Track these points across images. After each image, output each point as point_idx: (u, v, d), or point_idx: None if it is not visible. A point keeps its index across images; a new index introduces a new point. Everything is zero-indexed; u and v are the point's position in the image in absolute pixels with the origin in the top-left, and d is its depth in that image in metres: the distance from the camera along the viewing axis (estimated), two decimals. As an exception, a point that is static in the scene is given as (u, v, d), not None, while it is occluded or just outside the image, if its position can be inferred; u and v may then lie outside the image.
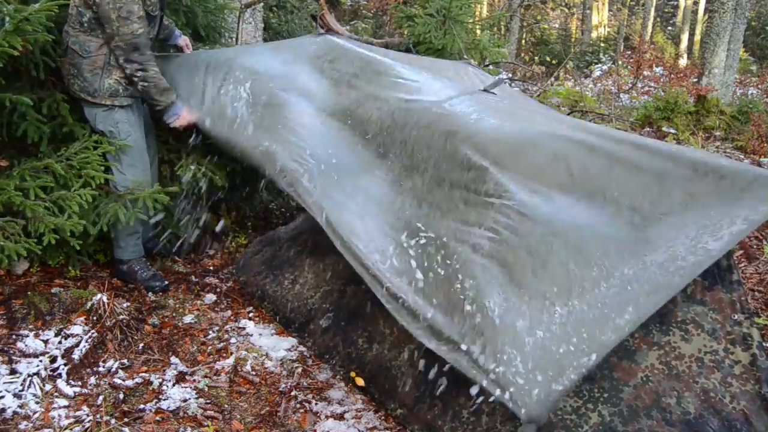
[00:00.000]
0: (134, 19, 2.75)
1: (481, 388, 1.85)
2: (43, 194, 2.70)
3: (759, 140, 7.33)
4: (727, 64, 8.96)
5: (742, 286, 2.14)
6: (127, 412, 2.29)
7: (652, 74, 13.85)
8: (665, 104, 8.24)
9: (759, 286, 3.48)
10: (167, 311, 3.02)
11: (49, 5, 2.58)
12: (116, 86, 2.88)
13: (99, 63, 2.84)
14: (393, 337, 2.59)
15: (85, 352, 2.53)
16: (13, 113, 2.74)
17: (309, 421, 2.39)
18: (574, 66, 15.56)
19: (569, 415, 2.07)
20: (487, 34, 6.35)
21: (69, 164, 2.81)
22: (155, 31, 3.01)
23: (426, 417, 2.31)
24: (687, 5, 18.00)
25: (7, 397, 2.24)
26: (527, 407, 1.70)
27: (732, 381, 2.08)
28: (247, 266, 3.34)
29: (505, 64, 9.73)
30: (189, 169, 3.22)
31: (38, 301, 2.74)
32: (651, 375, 2.11)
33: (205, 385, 2.51)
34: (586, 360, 1.78)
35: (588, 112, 7.85)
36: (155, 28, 3.00)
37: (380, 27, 11.16)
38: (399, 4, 6.90)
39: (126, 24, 2.74)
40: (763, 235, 4.17)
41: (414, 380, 2.42)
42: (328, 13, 4.12)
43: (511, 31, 16.17)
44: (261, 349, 2.79)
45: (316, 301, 2.93)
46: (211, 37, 3.84)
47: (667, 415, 2.05)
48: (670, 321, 2.15)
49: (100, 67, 2.85)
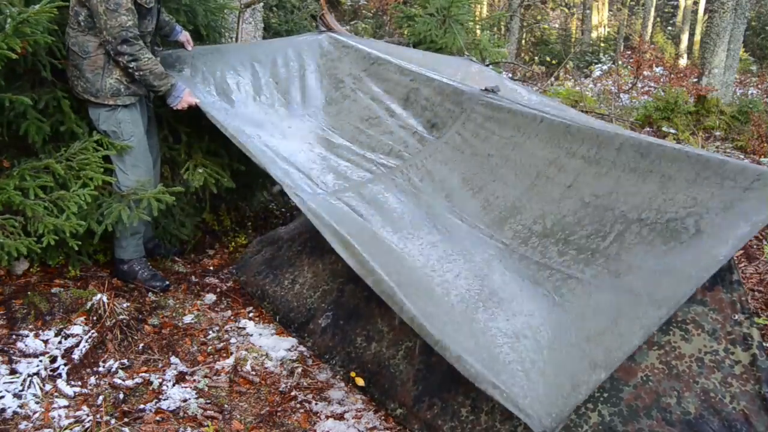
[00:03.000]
0: (122, 12, 2.72)
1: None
2: (43, 194, 2.70)
3: (759, 140, 7.33)
4: (727, 64, 8.96)
5: (742, 286, 2.14)
6: (127, 412, 2.29)
7: (652, 74, 13.85)
8: (665, 104, 8.24)
9: (759, 286, 3.47)
10: (167, 311, 3.02)
11: (48, 7, 2.58)
12: (117, 85, 2.88)
13: (99, 63, 2.84)
14: (391, 334, 2.59)
15: (85, 352, 2.53)
16: (14, 113, 2.74)
17: (309, 421, 2.39)
18: (574, 66, 15.55)
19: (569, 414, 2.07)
20: (487, 34, 6.35)
21: (69, 165, 2.80)
22: (153, 25, 2.99)
23: (425, 416, 2.31)
24: (687, 5, 17.99)
25: (7, 397, 2.24)
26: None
27: (732, 381, 2.08)
28: (247, 266, 3.34)
29: (505, 64, 9.72)
30: (198, 173, 3.21)
31: (38, 301, 2.74)
32: (651, 375, 2.11)
33: (205, 385, 2.51)
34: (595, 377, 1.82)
35: (588, 112, 7.84)
36: (152, 21, 2.98)
37: (380, 27, 11.16)
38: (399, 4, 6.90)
39: (114, 16, 2.71)
40: (763, 235, 4.17)
41: (413, 379, 2.43)
42: (328, 13, 4.12)
43: (511, 31, 16.16)
44: (261, 349, 2.79)
45: (316, 300, 2.93)
46: (211, 37, 3.84)
47: (667, 415, 2.05)
48: (671, 321, 2.15)
49: (100, 67, 2.84)
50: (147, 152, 3.06)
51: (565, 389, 1.81)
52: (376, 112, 3.38)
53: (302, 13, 7.33)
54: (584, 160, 2.52)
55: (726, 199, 2.09)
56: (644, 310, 1.91)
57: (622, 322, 1.93)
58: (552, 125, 2.69)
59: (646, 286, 1.99)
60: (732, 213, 2.04)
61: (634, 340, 1.85)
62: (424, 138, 3.11)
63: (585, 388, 1.80)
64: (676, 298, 1.89)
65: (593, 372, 1.82)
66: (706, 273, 1.92)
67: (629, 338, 1.86)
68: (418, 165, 2.99)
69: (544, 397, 1.79)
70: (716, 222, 2.05)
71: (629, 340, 1.85)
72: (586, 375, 1.82)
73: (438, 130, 3.11)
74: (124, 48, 2.77)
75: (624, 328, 1.90)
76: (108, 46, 2.79)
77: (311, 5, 7.81)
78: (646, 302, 1.94)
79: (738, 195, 2.07)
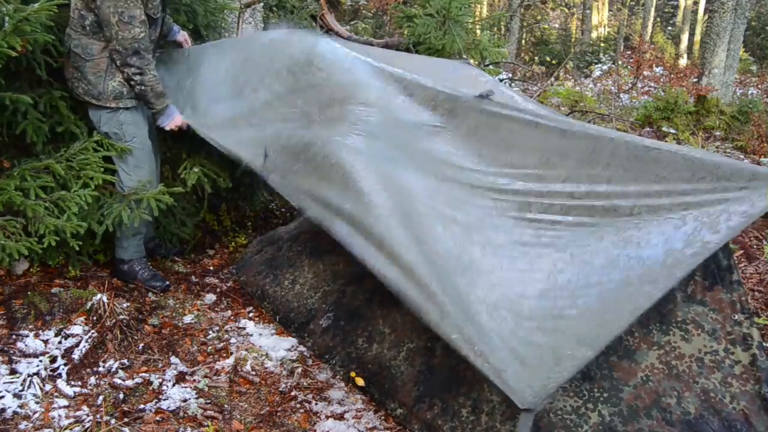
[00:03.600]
0: (136, 24, 2.73)
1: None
2: (44, 194, 2.70)
3: (759, 140, 7.34)
4: (727, 64, 8.96)
5: (742, 286, 2.14)
6: (127, 412, 2.29)
7: (652, 74, 13.86)
8: (665, 104, 8.24)
9: (759, 286, 3.48)
10: (167, 311, 3.02)
11: (48, 5, 2.57)
12: (120, 88, 2.87)
13: (102, 66, 2.84)
14: (393, 336, 2.59)
15: (85, 352, 2.53)
16: (14, 113, 2.74)
17: (309, 421, 2.39)
18: (574, 66, 15.56)
19: (569, 414, 2.07)
20: (487, 34, 6.35)
21: (69, 165, 2.80)
22: (157, 33, 3.00)
23: (425, 416, 2.31)
24: (687, 5, 18.00)
25: (7, 397, 2.24)
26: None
27: (732, 381, 2.08)
28: (247, 266, 3.34)
29: (505, 64, 9.73)
30: (194, 172, 3.22)
31: (38, 301, 2.74)
32: (651, 375, 2.11)
33: (205, 385, 2.51)
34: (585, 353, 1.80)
35: (588, 112, 7.85)
36: (157, 30, 2.98)
37: (380, 27, 11.16)
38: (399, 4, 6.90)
39: (127, 29, 2.72)
40: (763, 235, 4.17)
41: (413, 380, 2.43)
42: (328, 13, 4.13)
43: (511, 31, 16.17)
44: (261, 349, 2.79)
45: (316, 301, 2.93)
46: (211, 37, 3.84)
47: (667, 415, 2.05)
48: (671, 321, 2.16)
49: (103, 70, 2.84)
50: (150, 153, 3.06)
51: (548, 363, 1.79)
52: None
53: (302, 13, 7.33)
54: (577, 162, 2.52)
55: (722, 197, 2.10)
56: (634, 289, 1.90)
57: (610, 300, 1.92)
58: (546, 128, 2.69)
59: (636, 268, 1.99)
60: (726, 205, 2.05)
61: (622, 319, 1.84)
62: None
63: (570, 364, 1.78)
64: (666, 281, 1.89)
65: (578, 348, 1.80)
66: (699, 257, 1.92)
67: (618, 316, 1.85)
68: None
69: (525, 371, 1.78)
70: (710, 212, 2.06)
71: (618, 318, 1.85)
72: (570, 350, 1.81)
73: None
74: (134, 60, 2.78)
75: (612, 306, 1.90)
76: (116, 56, 2.79)
77: (311, 5, 7.81)
78: (636, 282, 1.93)
79: (733, 194, 2.08)
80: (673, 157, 2.26)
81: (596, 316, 1.90)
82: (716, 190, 2.11)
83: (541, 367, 1.78)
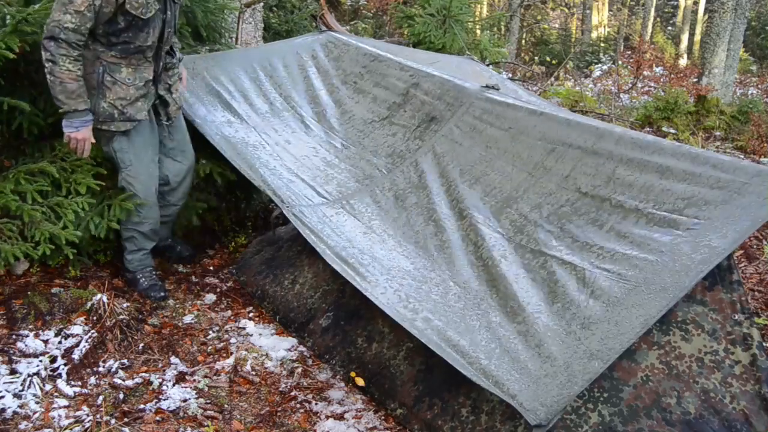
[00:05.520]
0: (70, 10, 2.47)
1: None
2: (40, 198, 2.69)
3: (759, 140, 7.33)
4: (727, 64, 8.96)
5: (742, 286, 2.14)
6: (127, 412, 2.29)
7: (652, 74, 13.85)
8: (665, 104, 8.24)
9: (759, 286, 3.48)
10: (167, 311, 3.02)
11: (48, 5, 2.57)
12: (111, 110, 2.70)
13: (92, 83, 2.66)
14: (392, 335, 2.59)
15: (85, 352, 2.53)
16: (12, 113, 2.73)
17: (309, 421, 2.39)
18: (574, 66, 15.55)
19: (569, 415, 2.07)
20: (487, 34, 6.36)
21: (62, 166, 2.79)
22: (154, 38, 2.73)
23: (426, 416, 2.31)
24: (687, 5, 17.99)
25: (7, 397, 2.24)
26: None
27: (732, 381, 2.08)
28: (247, 266, 3.34)
29: (505, 64, 9.72)
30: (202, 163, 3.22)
31: (38, 301, 2.74)
32: (651, 375, 2.11)
33: (205, 385, 2.51)
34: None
35: (588, 112, 7.85)
36: (153, 34, 2.71)
37: (380, 27, 11.16)
38: (399, 4, 6.90)
39: (61, 10, 2.47)
40: (763, 235, 4.17)
41: (413, 379, 2.43)
42: (328, 13, 4.13)
43: (511, 31, 16.17)
44: (261, 349, 2.78)
45: (316, 300, 2.93)
46: (211, 37, 3.85)
47: (667, 415, 2.05)
48: (671, 321, 2.15)
49: (93, 88, 2.66)
50: (151, 174, 2.93)
51: (560, 379, 1.80)
52: (378, 113, 3.42)
53: (302, 13, 7.33)
54: (582, 151, 2.53)
55: (725, 192, 2.10)
56: (643, 299, 1.91)
57: (620, 311, 1.92)
58: (551, 118, 2.71)
59: (645, 276, 1.99)
60: (731, 206, 2.05)
61: (633, 329, 1.85)
62: (423, 134, 3.14)
63: (581, 378, 1.79)
64: (676, 289, 1.89)
65: (589, 362, 1.81)
66: (707, 265, 1.92)
67: (627, 328, 1.85)
68: (417, 161, 3.01)
69: (537, 388, 1.79)
70: (715, 214, 2.06)
71: (628, 329, 1.85)
72: (581, 365, 1.81)
73: (437, 123, 3.13)
74: (50, 45, 2.49)
75: (622, 317, 1.90)
76: (44, 34, 2.55)
77: (311, 5, 7.82)
78: (645, 291, 1.94)
79: (737, 188, 2.09)
80: (676, 149, 2.32)
81: (605, 328, 1.91)
82: (720, 186, 2.12)
83: (553, 383, 1.80)
